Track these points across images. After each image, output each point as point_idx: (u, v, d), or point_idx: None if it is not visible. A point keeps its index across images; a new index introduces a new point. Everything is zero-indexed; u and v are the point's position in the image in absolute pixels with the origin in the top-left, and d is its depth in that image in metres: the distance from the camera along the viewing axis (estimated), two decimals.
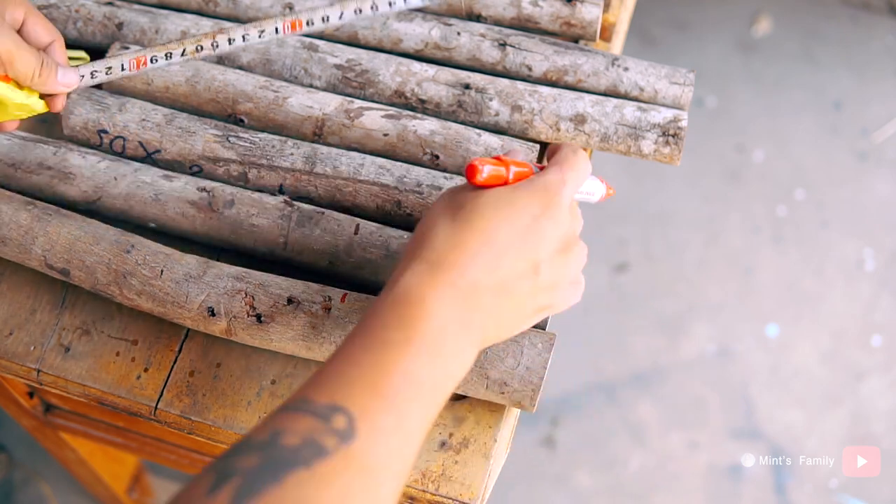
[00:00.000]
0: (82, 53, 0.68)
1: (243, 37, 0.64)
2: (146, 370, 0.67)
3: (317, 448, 0.44)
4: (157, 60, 0.63)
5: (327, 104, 0.71)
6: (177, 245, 0.67)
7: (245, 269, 0.64)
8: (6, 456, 1.31)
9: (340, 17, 0.65)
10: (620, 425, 1.47)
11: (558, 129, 0.71)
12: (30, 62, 0.60)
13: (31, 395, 0.86)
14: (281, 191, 0.68)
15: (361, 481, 0.45)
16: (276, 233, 0.67)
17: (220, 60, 0.74)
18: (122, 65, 0.64)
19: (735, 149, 1.67)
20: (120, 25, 0.75)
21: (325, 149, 0.68)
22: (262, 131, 0.70)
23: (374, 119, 0.70)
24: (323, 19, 0.65)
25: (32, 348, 0.68)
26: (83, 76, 0.64)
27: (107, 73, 0.64)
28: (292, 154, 0.68)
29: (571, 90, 0.73)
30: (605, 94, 0.73)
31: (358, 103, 0.71)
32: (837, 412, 1.48)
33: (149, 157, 0.69)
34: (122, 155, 0.69)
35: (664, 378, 1.50)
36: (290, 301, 0.62)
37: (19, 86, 0.61)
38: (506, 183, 0.55)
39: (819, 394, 1.49)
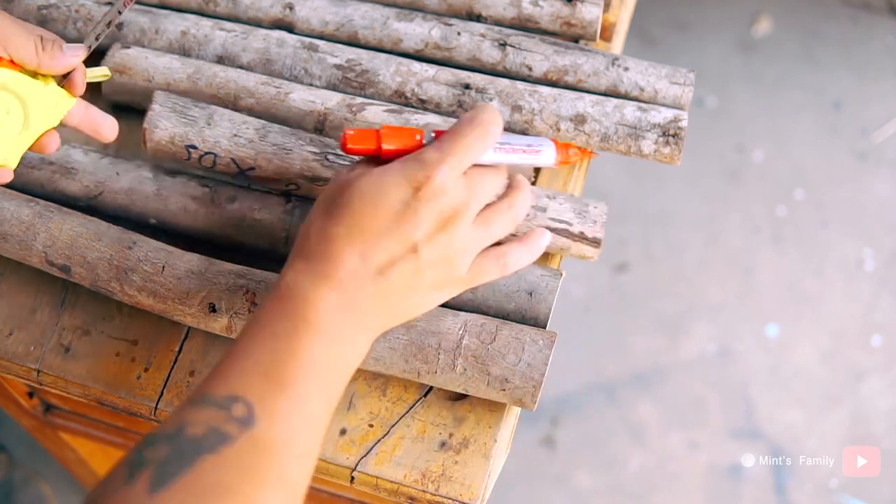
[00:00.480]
0: (105, 70, 0.65)
1: None
2: (146, 370, 0.67)
3: (220, 435, 0.47)
4: None
5: (329, 98, 0.71)
6: (178, 245, 0.67)
7: (246, 267, 0.64)
8: (6, 456, 1.31)
9: None
10: (620, 425, 1.47)
11: (558, 129, 0.71)
12: (27, 37, 0.57)
13: (30, 395, 0.86)
14: None
15: (267, 461, 0.47)
16: (279, 227, 0.67)
17: (220, 60, 0.74)
18: (118, 10, 0.59)
19: (735, 149, 1.67)
20: (120, 25, 0.75)
21: None
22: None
23: (377, 113, 0.70)
24: None
25: (32, 348, 0.68)
26: (90, 46, 0.60)
27: (108, 26, 0.60)
28: None
29: (572, 90, 0.73)
30: (605, 94, 0.73)
31: (360, 98, 0.71)
32: (837, 412, 1.48)
33: (241, 174, 0.67)
34: (211, 169, 0.68)
35: (664, 378, 1.50)
36: None
37: (30, 74, 0.59)
38: (376, 152, 0.54)
39: (819, 394, 1.49)
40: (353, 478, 0.65)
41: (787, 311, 1.55)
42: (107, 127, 0.62)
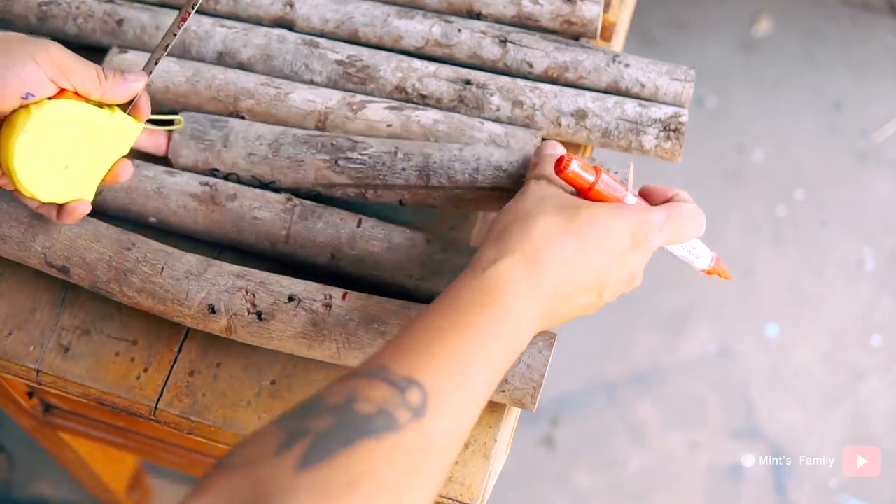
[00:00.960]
0: (178, 118, 0.66)
1: None
2: (146, 370, 0.67)
3: (389, 419, 0.44)
4: (195, 6, 0.60)
5: (329, 97, 0.71)
6: (177, 245, 0.67)
7: (245, 268, 0.64)
8: (6, 456, 1.31)
9: None
10: (620, 425, 1.47)
11: (559, 125, 0.71)
12: (88, 68, 0.57)
13: (30, 395, 0.86)
14: (401, 203, 0.67)
15: (425, 460, 0.45)
16: (279, 225, 0.66)
17: (221, 59, 0.74)
18: (173, 32, 0.61)
19: (735, 149, 1.67)
20: (120, 22, 0.74)
21: (436, 155, 0.66)
22: (368, 150, 0.68)
23: (377, 111, 0.70)
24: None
25: (32, 348, 0.68)
26: (150, 71, 0.61)
27: (165, 50, 0.61)
28: (404, 169, 0.66)
29: (572, 87, 0.73)
30: (605, 90, 0.73)
31: (360, 96, 0.71)
32: (837, 412, 1.48)
33: (266, 186, 0.68)
34: (242, 183, 0.69)
35: (664, 378, 1.50)
36: (290, 299, 0.62)
37: (95, 104, 0.59)
38: (588, 189, 0.57)
39: (819, 394, 1.49)
40: None
41: (787, 311, 1.55)
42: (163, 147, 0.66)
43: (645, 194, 0.62)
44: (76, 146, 0.59)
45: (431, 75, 0.72)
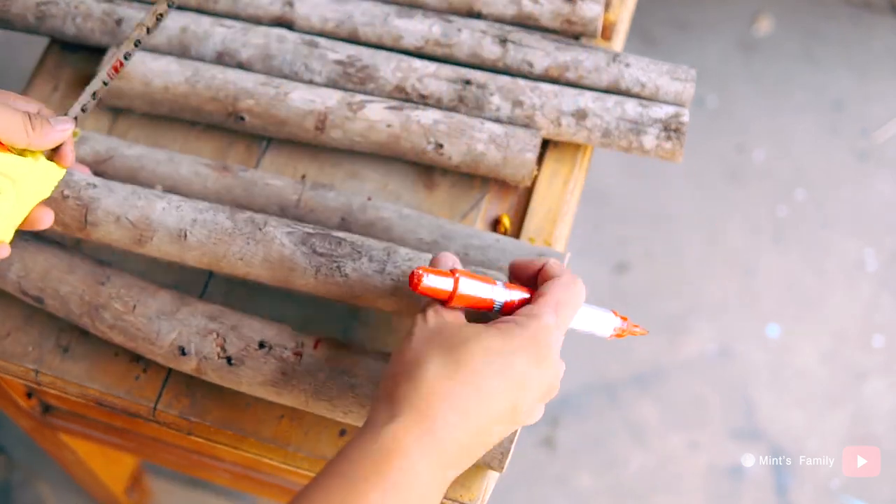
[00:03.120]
0: (76, 130, 0.62)
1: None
2: (145, 371, 0.67)
3: None
4: (129, 57, 0.59)
5: (329, 97, 0.71)
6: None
7: (220, 308, 0.63)
8: (5, 457, 1.30)
9: None
10: (621, 426, 1.47)
11: (559, 125, 0.71)
12: (15, 116, 0.55)
13: (29, 395, 0.85)
14: None
15: None
16: (290, 191, 0.67)
17: (220, 58, 0.74)
18: (103, 81, 0.59)
19: (736, 149, 1.67)
20: (119, 22, 0.74)
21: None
22: None
23: (377, 110, 0.70)
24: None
25: (31, 349, 0.68)
26: (76, 116, 0.59)
27: (93, 98, 0.59)
28: None
29: (573, 87, 0.72)
30: (606, 90, 0.73)
31: (360, 96, 0.71)
32: (838, 412, 1.48)
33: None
34: None
35: (664, 378, 1.50)
36: (261, 345, 0.61)
37: (18, 152, 0.56)
38: (450, 300, 0.53)
39: (820, 394, 1.49)
40: None
41: (787, 312, 1.55)
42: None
43: (513, 271, 0.59)
44: None
45: (431, 75, 0.72)
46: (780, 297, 1.56)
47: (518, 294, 0.56)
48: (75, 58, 0.78)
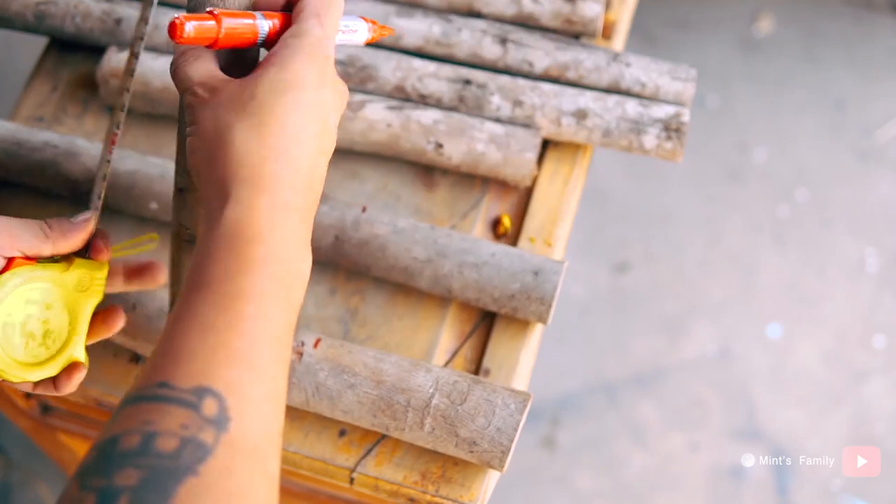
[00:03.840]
0: (153, 235, 0.61)
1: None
2: None
3: (196, 447, 0.40)
4: (120, 126, 0.57)
5: None
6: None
7: None
8: (4, 457, 1.30)
9: None
10: (621, 426, 1.47)
11: (560, 124, 0.71)
12: (29, 224, 0.54)
13: (28, 396, 0.85)
14: None
15: (250, 466, 0.41)
16: None
17: None
18: (107, 160, 0.57)
19: (736, 148, 1.67)
20: (118, 21, 0.74)
21: None
22: None
23: (377, 110, 0.70)
24: None
25: None
26: (95, 210, 0.57)
27: (104, 180, 0.58)
28: None
29: (573, 86, 0.72)
30: (606, 90, 0.72)
31: (360, 96, 0.71)
32: (838, 412, 1.48)
33: None
34: None
35: (665, 378, 1.50)
36: None
37: (49, 261, 0.55)
38: (214, 42, 0.49)
39: (820, 394, 1.49)
40: (352, 479, 0.64)
41: (788, 312, 1.55)
42: (155, 270, 0.59)
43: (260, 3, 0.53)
44: (46, 311, 0.54)
45: (431, 75, 0.72)
46: (781, 297, 1.56)
47: (276, 20, 0.52)
48: (74, 57, 0.78)
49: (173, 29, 0.48)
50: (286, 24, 0.51)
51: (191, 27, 0.48)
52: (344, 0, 0.53)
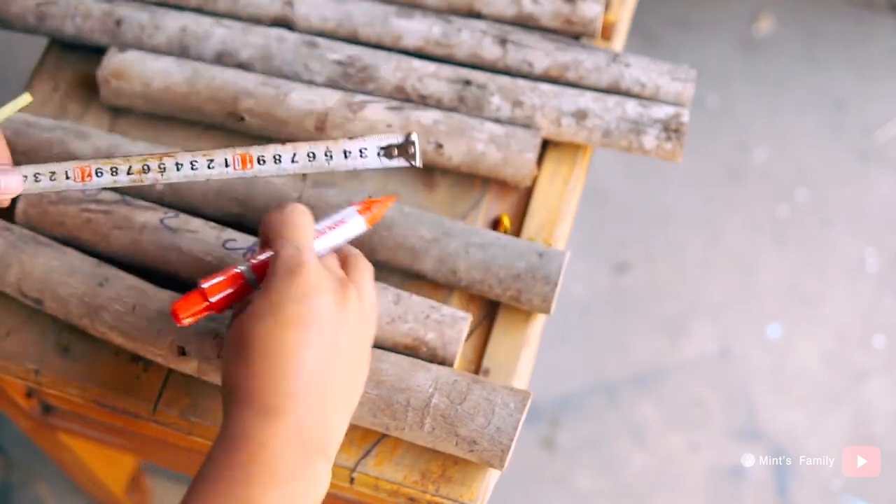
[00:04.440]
0: (26, 98, 0.61)
1: (191, 163, 0.58)
2: (145, 371, 0.67)
3: None
4: (101, 174, 0.58)
5: (329, 97, 0.71)
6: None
7: None
8: (4, 457, 1.30)
9: (293, 160, 0.58)
10: (621, 426, 1.47)
11: (560, 125, 0.71)
12: None
13: (29, 395, 0.85)
14: None
15: None
16: (291, 188, 0.67)
17: (220, 58, 0.74)
18: (67, 172, 0.58)
19: (736, 148, 1.67)
20: (119, 22, 0.74)
21: None
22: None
23: (377, 111, 0.70)
24: (275, 158, 0.58)
25: (31, 349, 0.68)
26: (26, 177, 0.57)
27: (51, 179, 0.58)
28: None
29: (573, 87, 0.72)
30: (606, 90, 0.73)
31: (360, 96, 0.71)
32: (838, 412, 1.48)
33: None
34: None
35: (665, 378, 1.50)
36: None
37: None
38: (210, 308, 0.54)
39: (820, 394, 1.49)
40: (352, 479, 0.64)
41: (788, 312, 1.55)
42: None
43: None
44: None
45: (431, 75, 0.72)
46: (781, 297, 1.56)
47: (262, 255, 0.55)
48: (75, 57, 0.78)
49: (175, 318, 0.54)
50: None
51: (186, 314, 0.54)
52: (306, 209, 0.56)
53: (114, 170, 0.58)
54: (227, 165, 0.58)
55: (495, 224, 0.72)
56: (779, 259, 1.59)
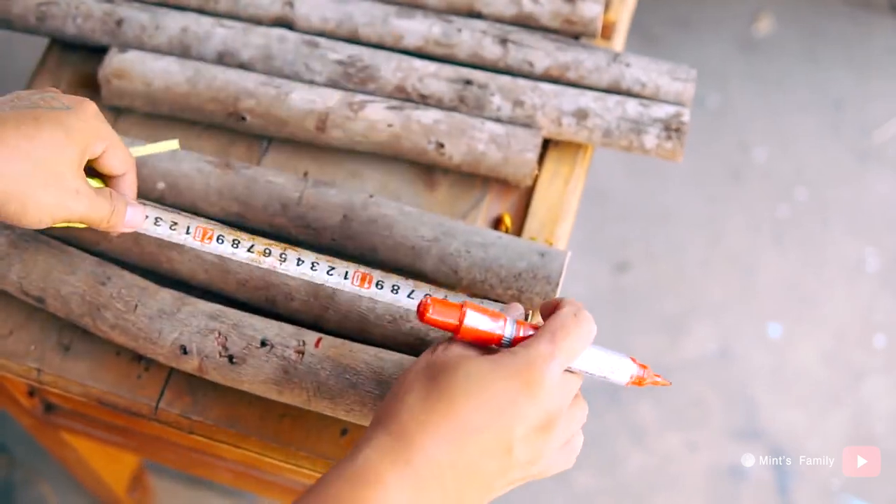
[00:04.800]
0: (174, 144, 0.64)
1: (312, 265, 0.58)
2: (146, 370, 0.67)
3: None
4: (222, 241, 0.58)
5: (330, 97, 0.71)
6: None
7: (220, 307, 0.64)
8: (6, 456, 1.31)
9: (394, 291, 0.59)
10: (621, 426, 1.47)
11: (560, 125, 0.71)
12: (102, 210, 0.56)
13: (31, 394, 0.85)
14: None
15: None
16: (292, 188, 0.67)
17: (221, 58, 0.74)
18: (189, 227, 0.58)
19: (736, 148, 1.67)
20: (119, 22, 0.74)
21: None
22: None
23: (378, 110, 0.70)
24: (393, 289, 0.59)
25: (32, 347, 0.68)
26: (147, 217, 0.59)
27: (171, 228, 0.59)
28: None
29: (573, 87, 0.73)
30: (606, 90, 0.73)
31: (360, 96, 0.71)
32: (838, 412, 1.48)
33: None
34: None
35: (665, 378, 1.50)
36: (263, 343, 0.61)
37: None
38: (457, 332, 0.51)
39: (820, 394, 1.49)
40: None
41: (788, 311, 1.55)
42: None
43: (541, 312, 0.55)
44: None
45: (432, 75, 0.72)
46: (781, 297, 1.56)
47: (529, 331, 0.53)
48: (76, 58, 0.78)
49: (420, 308, 0.51)
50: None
51: (434, 313, 0.51)
52: (594, 327, 0.52)
53: (235, 242, 0.58)
54: (346, 278, 0.58)
55: (496, 223, 0.72)
56: (779, 259, 1.59)
